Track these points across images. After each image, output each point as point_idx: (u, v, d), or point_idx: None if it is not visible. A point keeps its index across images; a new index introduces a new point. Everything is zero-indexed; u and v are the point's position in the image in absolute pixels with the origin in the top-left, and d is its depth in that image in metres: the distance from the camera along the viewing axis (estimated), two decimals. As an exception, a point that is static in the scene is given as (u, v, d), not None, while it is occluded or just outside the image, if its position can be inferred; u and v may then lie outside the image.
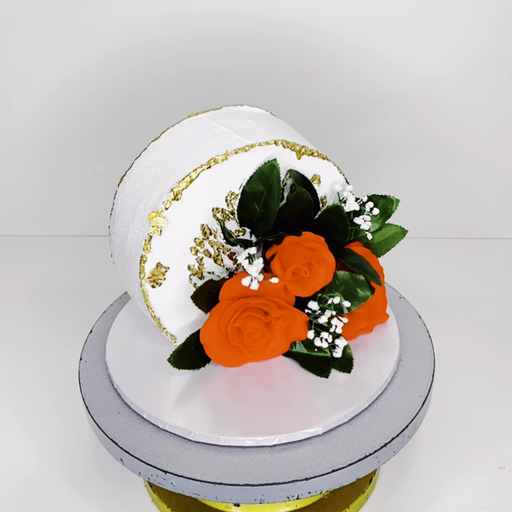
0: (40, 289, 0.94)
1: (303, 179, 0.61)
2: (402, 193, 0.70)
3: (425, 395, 0.59)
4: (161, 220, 0.56)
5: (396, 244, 0.65)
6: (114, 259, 0.62)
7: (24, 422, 0.74)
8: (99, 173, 1.01)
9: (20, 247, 1.03)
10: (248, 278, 0.58)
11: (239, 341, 0.59)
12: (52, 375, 0.80)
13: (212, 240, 0.59)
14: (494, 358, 0.79)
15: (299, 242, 0.59)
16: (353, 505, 0.63)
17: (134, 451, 0.55)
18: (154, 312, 0.59)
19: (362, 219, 0.62)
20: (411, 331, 0.66)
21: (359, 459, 0.54)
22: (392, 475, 0.67)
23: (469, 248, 0.99)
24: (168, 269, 0.58)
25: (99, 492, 0.67)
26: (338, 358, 0.60)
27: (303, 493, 0.53)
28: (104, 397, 0.60)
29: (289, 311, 0.59)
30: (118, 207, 0.60)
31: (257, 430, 0.55)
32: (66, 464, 0.69)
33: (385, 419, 0.57)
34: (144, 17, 0.90)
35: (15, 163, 1.01)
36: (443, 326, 0.82)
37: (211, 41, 0.91)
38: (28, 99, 0.96)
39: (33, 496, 0.67)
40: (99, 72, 0.93)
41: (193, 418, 0.57)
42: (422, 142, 0.96)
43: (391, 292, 0.70)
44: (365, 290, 0.61)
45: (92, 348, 0.66)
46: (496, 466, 0.67)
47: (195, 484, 0.53)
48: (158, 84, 0.94)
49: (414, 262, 0.95)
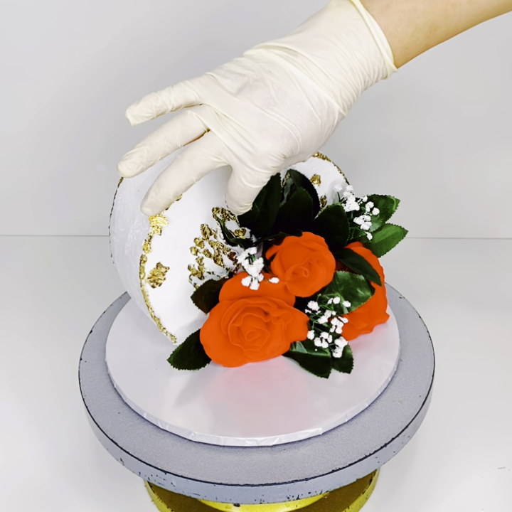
0: (40, 289, 0.94)
1: (303, 179, 0.61)
2: (401, 193, 0.70)
3: (425, 395, 0.59)
4: (161, 220, 0.56)
5: (396, 244, 0.65)
6: (114, 259, 0.62)
7: (24, 422, 0.74)
8: (99, 173, 1.01)
9: (20, 247, 1.03)
10: (248, 278, 0.58)
11: (239, 341, 0.59)
12: (52, 375, 0.79)
13: (212, 240, 0.59)
14: (495, 359, 0.79)
15: (299, 243, 0.59)
16: (353, 505, 0.63)
17: (134, 451, 0.55)
18: (154, 312, 0.59)
19: (362, 219, 0.62)
20: (411, 331, 0.66)
21: (359, 459, 0.54)
22: (392, 475, 0.67)
23: (469, 248, 0.99)
24: (168, 269, 0.58)
25: (99, 492, 0.67)
26: (338, 358, 0.60)
27: (303, 493, 0.53)
28: (104, 397, 0.60)
29: (289, 311, 0.59)
30: (118, 207, 0.60)
31: (257, 430, 0.55)
32: (66, 464, 0.69)
33: (385, 419, 0.57)
34: (144, 17, 0.90)
35: (15, 163, 1.01)
36: (443, 326, 0.82)
37: (213, 42, 0.91)
38: (28, 99, 0.96)
39: (32, 496, 0.67)
40: (99, 72, 0.93)
41: (193, 418, 0.57)
42: (422, 142, 0.96)
43: (391, 292, 0.70)
44: (365, 290, 0.61)
45: (92, 348, 0.66)
46: (496, 466, 0.67)
47: (195, 484, 0.53)
48: (159, 84, 0.94)
49: (414, 262, 0.95)
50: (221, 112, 0.49)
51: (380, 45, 0.49)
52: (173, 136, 0.49)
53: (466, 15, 0.50)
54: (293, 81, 0.49)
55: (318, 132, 0.50)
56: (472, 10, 0.50)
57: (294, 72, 0.49)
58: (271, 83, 0.49)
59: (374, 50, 0.50)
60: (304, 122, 0.49)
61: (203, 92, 0.50)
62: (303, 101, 0.49)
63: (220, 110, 0.49)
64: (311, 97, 0.49)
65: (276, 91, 0.49)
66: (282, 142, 0.49)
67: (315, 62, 0.49)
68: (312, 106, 0.49)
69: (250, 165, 0.49)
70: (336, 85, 0.50)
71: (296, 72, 0.49)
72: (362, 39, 0.49)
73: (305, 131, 0.50)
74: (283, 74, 0.49)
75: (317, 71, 0.49)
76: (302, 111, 0.49)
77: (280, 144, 0.49)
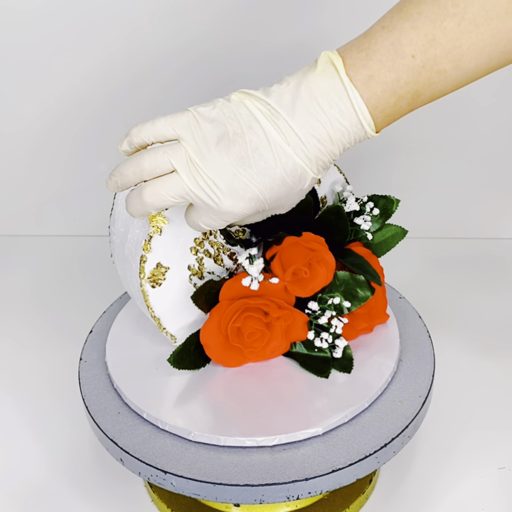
0: (40, 289, 0.94)
1: (303, 179, 0.61)
2: (402, 193, 0.70)
3: (425, 395, 0.59)
4: (161, 220, 0.56)
5: (396, 244, 0.65)
6: (114, 259, 0.62)
7: (24, 422, 0.74)
8: (99, 173, 1.01)
9: (20, 247, 1.03)
10: (248, 278, 0.58)
11: (239, 341, 0.59)
12: (52, 375, 0.79)
13: (212, 240, 0.59)
14: (495, 359, 0.79)
15: (299, 243, 0.59)
16: (353, 505, 0.63)
17: (134, 451, 0.55)
18: (154, 312, 0.59)
19: (362, 219, 0.62)
20: (411, 331, 0.66)
21: (359, 459, 0.54)
22: (392, 475, 0.67)
23: (469, 248, 0.99)
24: (168, 269, 0.58)
25: (99, 492, 0.67)
26: (338, 358, 0.60)
27: (303, 494, 0.53)
28: (104, 397, 0.60)
29: (289, 311, 0.59)
30: (118, 207, 0.60)
31: (257, 430, 0.55)
32: (66, 464, 0.69)
33: (385, 419, 0.57)
34: (144, 18, 0.90)
35: (15, 163, 1.01)
36: (443, 326, 0.82)
37: (213, 43, 0.91)
38: (29, 99, 0.96)
39: (32, 496, 0.67)
40: (99, 72, 0.93)
41: (193, 418, 0.57)
42: (422, 142, 0.96)
43: (391, 292, 0.70)
44: (365, 290, 0.61)
45: (92, 348, 0.66)
46: (496, 466, 0.67)
47: (195, 484, 0.53)
48: (159, 85, 0.94)
49: (414, 262, 0.95)
50: (195, 159, 0.49)
51: (361, 118, 0.49)
52: (140, 171, 0.50)
53: (452, 80, 0.49)
54: (270, 145, 0.49)
55: (287, 194, 0.51)
56: (459, 75, 0.49)
57: (273, 135, 0.49)
58: (249, 141, 0.49)
59: (355, 121, 0.49)
60: (275, 187, 0.50)
61: (182, 133, 0.50)
62: (277, 167, 0.49)
63: (194, 158, 0.49)
64: (285, 163, 0.49)
65: (253, 151, 0.49)
66: (249, 204, 0.50)
67: (294, 129, 0.49)
68: (285, 172, 0.50)
69: (211, 215, 0.50)
70: (313, 154, 0.50)
71: (275, 136, 0.49)
72: (344, 111, 0.49)
73: (274, 194, 0.50)
74: (262, 134, 0.49)
75: (295, 138, 0.49)
76: (275, 176, 0.49)
77: (246, 206, 0.50)
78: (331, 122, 0.49)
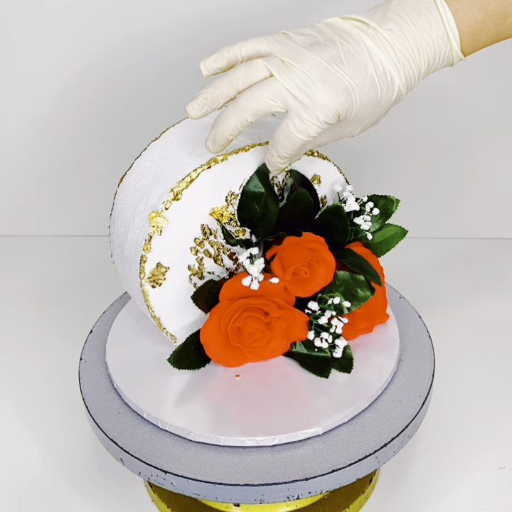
0: (40, 289, 0.94)
1: (303, 179, 0.61)
2: (402, 193, 0.70)
3: (425, 395, 0.59)
4: (161, 220, 0.56)
5: (396, 244, 0.65)
6: (114, 259, 0.62)
7: (24, 422, 0.74)
8: (99, 173, 1.01)
9: (20, 247, 1.03)
10: (248, 278, 0.58)
11: (239, 341, 0.59)
12: (52, 375, 0.79)
13: (212, 240, 0.59)
14: (495, 358, 0.79)
15: (299, 243, 0.59)
16: (353, 505, 0.63)
17: (134, 451, 0.55)
18: (154, 312, 0.59)
19: (362, 219, 0.62)
20: (411, 331, 0.66)
21: (359, 459, 0.54)
22: (392, 475, 0.67)
23: (469, 248, 0.99)
24: (168, 269, 0.58)
25: (99, 492, 0.67)
26: (338, 358, 0.60)
27: (303, 493, 0.53)
28: (104, 397, 0.60)
29: (289, 311, 0.59)
30: (118, 207, 0.60)
31: (257, 430, 0.55)
32: (66, 464, 0.69)
33: (385, 419, 0.57)
34: (145, 18, 0.90)
35: (15, 163, 1.01)
36: (443, 325, 0.82)
37: (213, 42, 0.91)
38: (28, 99, 0.96)
39: (32, 496, 0.67)
40: (99, 72, 0.93)
41: (193, 418, 0.57)
42: (422, 142, 0.96)
43: (391, 292, 0.70)
44: (365, 290, 0.61)
45: (92, 348, 0.66)
46: (496, 466, 0.67)
47: (195, 484, 0.53)
48: (159, 85, 0.94)
49: (415, 262, 0.95)
50: (288, 60, 0.50)
51: (448, 29, 0.51)
52: (235, 80, 0.51)
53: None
54: (362, 47, 0.51)
55: (376, 102, 0.52)
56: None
57: (364, 40, 0.51)
58: (340, 45, 0.51)
59: (442, 33, 0.51)
60: (365, 86, 0.51)
61: (274, 46, 0.51)
62: (368, 67, 0.50)
63: (287, 59, 0.50)
64: (376, 65, 0.51)
65: (344, 52, 0.50)
66: (341, 98, 0.50)
67: (385, 35, 0.51)
68: (376, 74, 0.51)
69: (304, 113, 0.50)
70: (401, 61, 0.51)
71: (366, 40, 0.51)
72: (432, 21, 0.51)
73: (364, 95, 0.51)
74: (354, 40, 0.51)
75: (386, 43, 0.51)
76: (366, 75, 0.51)
77: (339, 100, 0.50)
78: (419, 31, 0.51)
